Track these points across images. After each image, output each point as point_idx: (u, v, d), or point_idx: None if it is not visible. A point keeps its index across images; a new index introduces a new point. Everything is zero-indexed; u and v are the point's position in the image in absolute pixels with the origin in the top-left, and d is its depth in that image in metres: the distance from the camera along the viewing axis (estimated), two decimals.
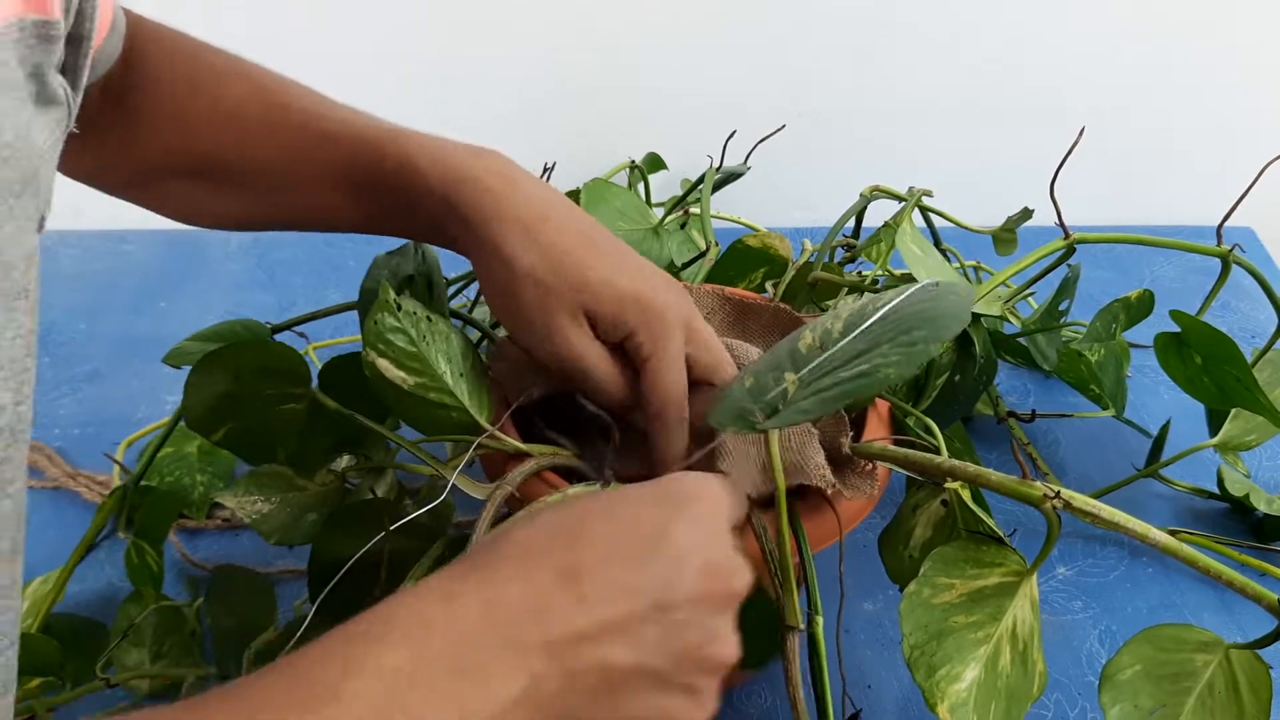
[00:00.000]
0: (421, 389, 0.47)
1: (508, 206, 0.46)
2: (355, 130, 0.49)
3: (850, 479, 0.48)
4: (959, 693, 0.41)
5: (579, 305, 0.47)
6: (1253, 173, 0.58)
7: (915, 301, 0.43)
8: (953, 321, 0.42)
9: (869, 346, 0.42)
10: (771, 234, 0.69)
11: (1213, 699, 0.43)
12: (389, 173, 0.48)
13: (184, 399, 0.53)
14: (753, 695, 0.60)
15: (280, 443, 0.55)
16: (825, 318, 0.45)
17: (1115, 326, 0.64)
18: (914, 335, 0.41)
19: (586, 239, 0.48)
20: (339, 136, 0.49)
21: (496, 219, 0.46)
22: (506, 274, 0.46)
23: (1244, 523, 0.70)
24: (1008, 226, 0.73)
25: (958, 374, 0.57)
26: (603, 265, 0.47)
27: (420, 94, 0.91)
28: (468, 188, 0.47)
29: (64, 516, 0.69)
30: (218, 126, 0.50)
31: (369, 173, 0.48)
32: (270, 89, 0.51)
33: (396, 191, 0.48)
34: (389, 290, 0.47)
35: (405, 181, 0.47)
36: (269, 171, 0.50)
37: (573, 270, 0.46)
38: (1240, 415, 0.67)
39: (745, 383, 0.44)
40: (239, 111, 0.50)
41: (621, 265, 0.48)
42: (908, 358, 0.40)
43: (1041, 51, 0.93)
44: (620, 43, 0.91)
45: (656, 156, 0.90)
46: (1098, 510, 0.42)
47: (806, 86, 0.94)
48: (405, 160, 0.47)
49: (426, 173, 0.47)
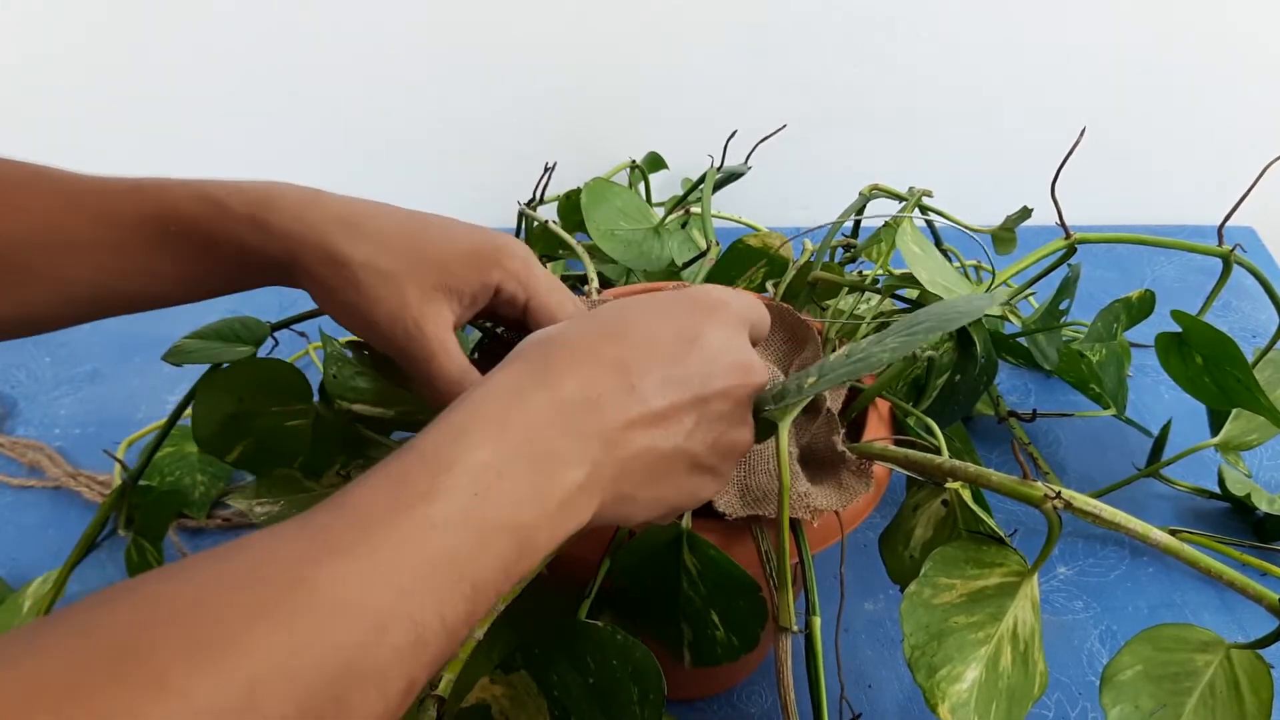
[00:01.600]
0: (406, 415, 0.47)
1: (322, 209, 0.45)
2: (130, 183, 0.45)
3: (845, 479, 0.48)
4: (960, 693, 0.41)
5: (430, 286, 0.45)
6: (1253, 172, 0.57)
7: (935, 308, 0.44)
8: (961, 317, 0.42)
9: (876, 341, 0.42)
10: (772, 234, 0.69)
11: (1214, 699, 0.43)
12: (186, 215, 0.44)
13: (193, 424, 0.54)
14: (753, 695, 0.60)
15: (294, 455, 0.55)
16: (863, 341, 0.45)
17: (1116, 326, 0.63)
18: (917, 328, 0.41)
19: (412, 218, 0.46)
20: (117, 190, 0.45)
21: (318, 223, 0.44)
22: (343, 275, 0.44)
23: (1245, 522, 0.70)
24: (1007, 226, 0.73)
25: (958, 374, 0.57)
26: (438, 237, 0.46)
27: (420, 94, 0.91)
28: (275, 204, 0.44)
29: (64, 516, 0.69)
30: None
31: (161, 219, 0.44)
32: (31, 166, 0.46)
33: (200, 233, 0.44)
34: (333, 342, 0.47)
35: (207, 218, 0.44)
36: (45, 242, 0.44)
37: (410, 251, 0.45)
38: (1241, 415, 0.67)
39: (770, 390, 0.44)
40: (12, 180, 0.45)
41: (452, 230, 0.46)
42: (905, 343, 0.41)
43: (1042, 51, 0.93)
44: (621, 42, 0.90)
45: (657, 156, 0.90)
46: (1098, 510, 0.42)
47: (807, 86, 0.94)
48: (203, 196, 0.44)
49: (226, 202, 0.44)
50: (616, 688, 0.43)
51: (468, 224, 0.48)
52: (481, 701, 0.44)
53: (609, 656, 0.43)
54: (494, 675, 0.44)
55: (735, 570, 0.45)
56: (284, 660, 0.25)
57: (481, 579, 0.31)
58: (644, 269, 0.69)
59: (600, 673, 0.43)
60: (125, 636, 0.25)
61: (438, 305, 0.45)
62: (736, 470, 0.47)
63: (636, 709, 0.42)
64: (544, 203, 0.76)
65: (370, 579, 0.28)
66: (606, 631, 0.43)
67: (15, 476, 0.71)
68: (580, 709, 0.43)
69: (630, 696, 0.42)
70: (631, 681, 0.43)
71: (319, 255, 0.44)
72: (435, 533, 0.30)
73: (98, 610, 0.26)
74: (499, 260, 0.46)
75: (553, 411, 0.35)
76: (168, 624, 0.25)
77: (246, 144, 0.92)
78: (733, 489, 0.46)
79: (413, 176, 0.95)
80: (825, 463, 0.49)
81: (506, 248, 0.47)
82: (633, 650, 0.43)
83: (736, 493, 0.46)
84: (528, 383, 0.35)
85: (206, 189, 0.45)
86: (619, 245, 0.68)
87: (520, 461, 0.33)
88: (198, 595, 0.26)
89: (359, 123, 0.92)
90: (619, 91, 0.93)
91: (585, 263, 0.64)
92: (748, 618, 0.46)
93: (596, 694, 0.43)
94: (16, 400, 0.77)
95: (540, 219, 0.70)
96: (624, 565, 0.46)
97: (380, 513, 0.30)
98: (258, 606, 0.26)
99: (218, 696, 0.24)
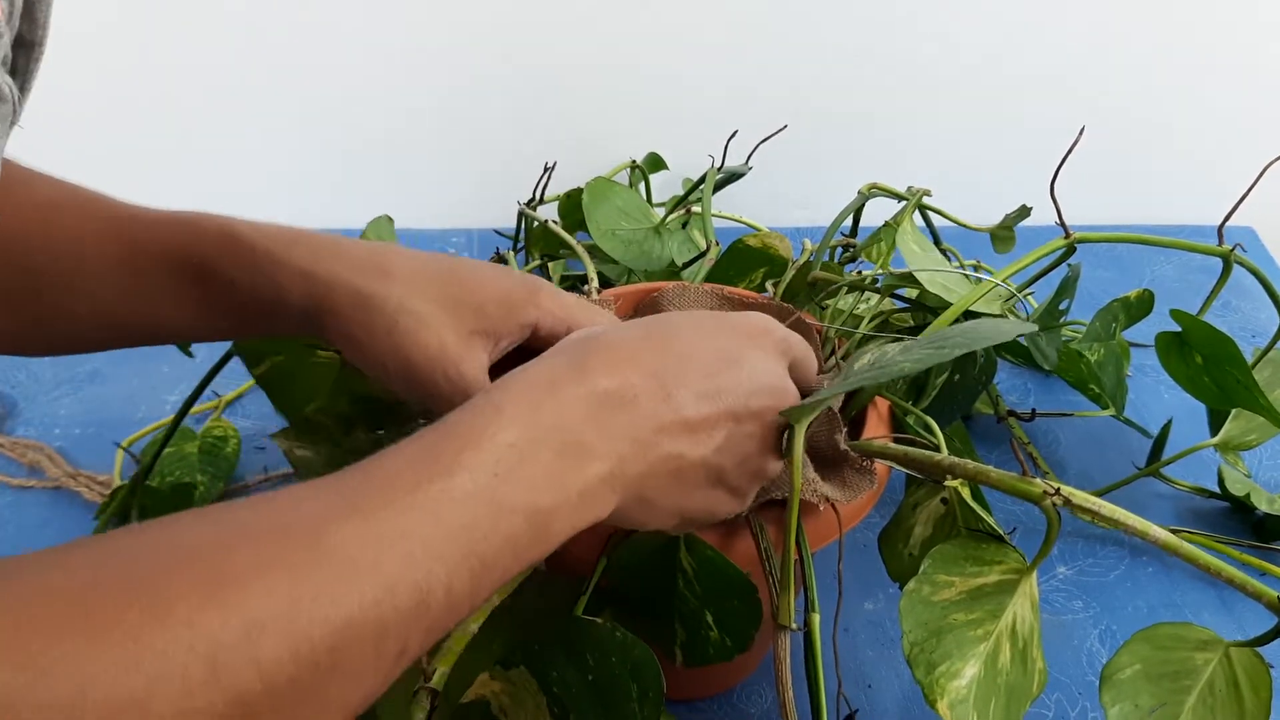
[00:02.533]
0: None
1: (351, 252, 0.45)
2: (164, 215, 0.46)
3: (848, 476, 0.48)
4: (959, 689, 0.41)
5: (467, 330, 0.44)
6: (1254, 172, 0.57)
7: (967, 327, 0.44)
8: (987, 338, 0.42)
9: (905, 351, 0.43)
10: (771, 234, 0.69)
11: (1213, 697, 0.42)
12: (211, 252, 0.45)
13: None
14: (753, 695, 0.60)
15: (312, 394, 0.57)
16: (889, 347, 0.45)
17: (1115, 326, 0.64)
18: (945, 344, 0.42)
19: (440, 261, 0.46)
20: (150, 220, 0.46)
21: (349, 265, 0.44)
22: (378, 318, 0.43)
23: (1245, 523, 0.70)
24: (1005, 224, 0.73)
25: (957, 373, 0.57)
26: (469, 279, 0.45)
27: (419, 94, 0.91)
28: (301, 246, 0.44)
29: (64, 516, 0.69)
30: (26, 216, 0.45)
31: (185, 252, 0.45)
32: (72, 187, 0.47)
33: (223, 270, 0.45)
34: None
35: (231, 255, 0.44)
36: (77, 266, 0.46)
37: (445, 295, 0.44)
38: (1241, 415, 0.67)
39: None
40: (53, 200, 0.46)
41: (482, 273, 0.46)
42: (929, 357, 0.41)
43: (1042, 51, 0.93)
44: (621, 43, 0.91)
45: (657, 156, 0.90)
46: (1098, 507, 0.42)
47: (807, 86, 0.94)
48: (229, 234, 0.45)
49: (253, 239, 0.44)
50: (616, 685, 0.43)
51: (495, 265, 0.48)
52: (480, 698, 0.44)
53: (609, 654, 0.43)
54: (493, 671, 0.44)
55: (732, 571, 0.45)
56: (287, 609, 0.27)
57: (491, 557, 0.32)
58: (644, 269, 0.69)
59: (600, 670, 0.43)
60: (146, 567, 0.26)
61: (475, 350, 0.45)
62: None
63: (635, 706, 0.42)
64: (544, 202, 0.76)
65: (383, 542, 0.29)
66: (606, 629, 0.43)
67: (15, 476, 0.71)
68: (579, 706, 0.43)
69: (630, 694, 0.42)
70: (631, 679, 0.43)
71: (352, 298, 0.44)
72: (453, 505, 0.31)
73: (129, 539, 0.28)
74: (534, 300, 0.46)
75: (586, 405, 0.36)
76: (187, 561, 0.27)
77: (246, 144, 0.92)
78: None
79: (413, 177, 0.95)
80: (828, 460, 0.49)
81: (538, 287, 0.47)
82: (632, 648, 0.43)
83: None
84: (565, 375, 0.36)
85: (235, 228, 0.45)
86: (619, 245, 0.68)
87: (546, 447, 0.34)
88: (219, 538, 0.28)
89: (359, 122, 0.92)
90: (619, 91, 0.93)
91: (585, 262, 0.64)
92: (742, 619, 0.46)
93: (596, 691, 0.43)
94: (16, 400, 0.77)
95: (540, 218, 0.70)
96: (621, 564, 0.46)
97: (404, 482, 0.31)
98: (273, 556, 0.28)
99: (219, 632, 0.25)
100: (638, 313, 0.60)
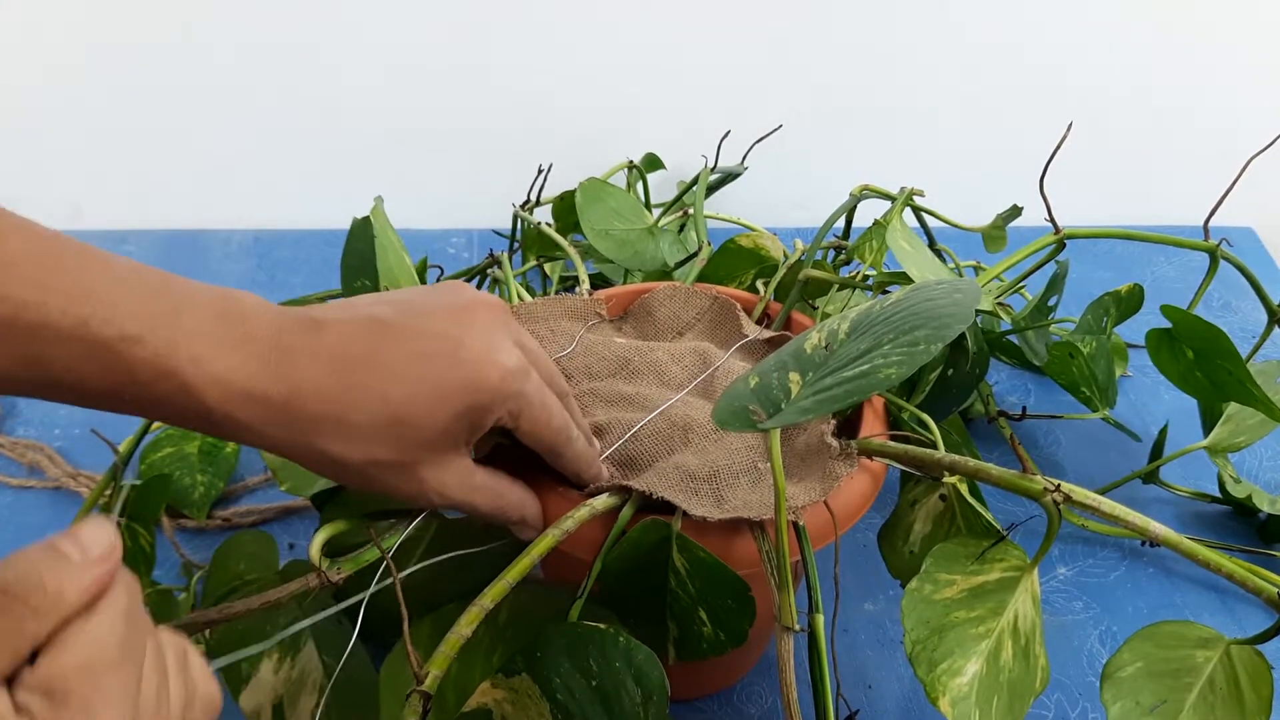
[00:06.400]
0: None
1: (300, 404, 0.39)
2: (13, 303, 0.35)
3: (830, 466, 0.47)
4: (960, 686, 0.41)
5: (437, 458, 0.42)
6: (1253, 174, 0.57)
7: (919, 300, 0.43)
8: (955, 321, 0.40)
9: (871, 346, 0.41)
10: (763, 234, 0.69)
11: (1214, 695, 0.42)
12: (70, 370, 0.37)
13: None
14: (753, 695, 0.59)
15: None
16: (832, 319, 0.44)
17: (1106, 320, 0.64)
18: (915, 335, 0.40)
19: (399, 384, 0.40)
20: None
21: (301, 424, 0.39)
22: (346, 474, 0.41)
23: (1248, 525, 0.70)
24: (997, 224, 0.73)
25: (950, 368, 0.57)
26: (428, 399, 0.40)
27: (419, 94, 0.91)
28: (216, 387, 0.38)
29: (64, 516, 0.69)
30: None
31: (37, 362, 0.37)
32: None
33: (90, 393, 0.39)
34: None
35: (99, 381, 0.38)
36: None
37: (404, 437, 0.40)
38: (1231, 418, 0.66)
39: (750, 382, 0.43)
40: None
41: (444, 385, 0.41)
42: (909, 358, 0.39)
43: (1041, 51, 0.93)
44: (619, 42, 0.91)
45: (654, 157, 0.90)
46: (1098, 504, 0.41)
47: (804, 86, 0.94)
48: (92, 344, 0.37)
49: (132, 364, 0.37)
50: (620, 690, 0.42)
51: (451, 358, 0.41)
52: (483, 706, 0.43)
53: (612, 658, 0.42)
54: (495, 679, 0.43)
55: (724, 571, 0.44)
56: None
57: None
58: (639, 269, 0.69)
59: (603, 675, 0.42)
60: None
61: (454, 465, 0.43)
62: (711, 483, 0.47)
63: (640, 711, 0.42)
64: (540, 204, 0.76)
65: None
66: (609, 633, 0.43)
67: (15, 477, 0.71)
68: (583, 712, 0.42)
69: (634, 698, 0.42)
70: (635, 683, 0.42)
71: (314, 459, 0.41)
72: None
73: None
74: (501, 402, 0.42)
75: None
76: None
77: (244, 144, 0.92)
78: (708, 496, 0.46)
79: (413, 177, 0.95)
80: (809, 453, 0.49)
81: (499, 386, 0.41)
82: (636, 652, 0.42)
83: (712, 500, 0.46)
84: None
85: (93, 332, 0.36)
86: (613, 245, 0.68)
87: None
88: None
89: (355, 123, 0.92)
90: (617, 92, 0.93)
91: (576, 264, 0.64)
92: (736, 615, 0.45)
93: (600, 696, 0.42)
94: (16, 400, 0.77)
95: (534, 221, 0.70)
96: (612, 565, 0.46)
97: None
98: None
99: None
100: (629, 313, 0.61)
